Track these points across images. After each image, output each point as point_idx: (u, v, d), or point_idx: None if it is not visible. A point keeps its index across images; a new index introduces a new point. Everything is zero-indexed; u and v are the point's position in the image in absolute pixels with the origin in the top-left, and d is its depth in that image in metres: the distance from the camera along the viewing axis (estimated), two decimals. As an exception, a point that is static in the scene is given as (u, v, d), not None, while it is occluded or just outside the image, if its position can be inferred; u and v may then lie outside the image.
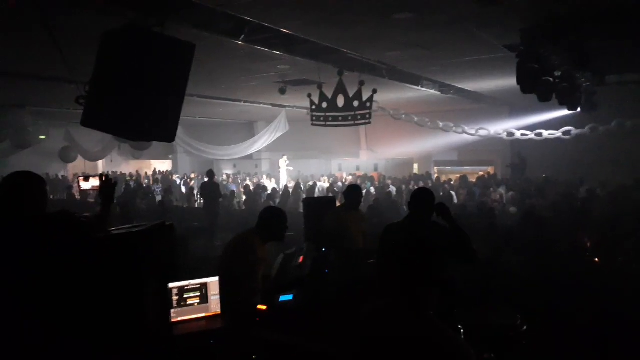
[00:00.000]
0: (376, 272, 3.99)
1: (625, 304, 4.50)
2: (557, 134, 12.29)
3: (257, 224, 3.82)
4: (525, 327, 3.35)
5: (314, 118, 9.70)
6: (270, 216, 3.85)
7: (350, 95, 9.04)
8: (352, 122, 9.39)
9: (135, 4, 4.91)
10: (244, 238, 3.79)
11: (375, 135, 18.74)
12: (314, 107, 9.62)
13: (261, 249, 3.73)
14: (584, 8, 5.67)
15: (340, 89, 8.95)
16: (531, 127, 12.97)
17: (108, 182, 3.18)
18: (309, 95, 9.69)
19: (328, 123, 9.57)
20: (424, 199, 3.94)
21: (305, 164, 20.55)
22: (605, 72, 9.05)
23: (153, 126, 4.19)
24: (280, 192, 14.30)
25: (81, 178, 14.90)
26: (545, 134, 12.44)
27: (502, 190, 12.31)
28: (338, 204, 6.61)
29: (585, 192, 10.61)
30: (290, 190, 14.43)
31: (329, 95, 9.26)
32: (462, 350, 1.80)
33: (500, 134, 13.03)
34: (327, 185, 15.76)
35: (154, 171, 22.75)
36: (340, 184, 15.95)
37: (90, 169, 22.30)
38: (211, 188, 11.29)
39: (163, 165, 24.57)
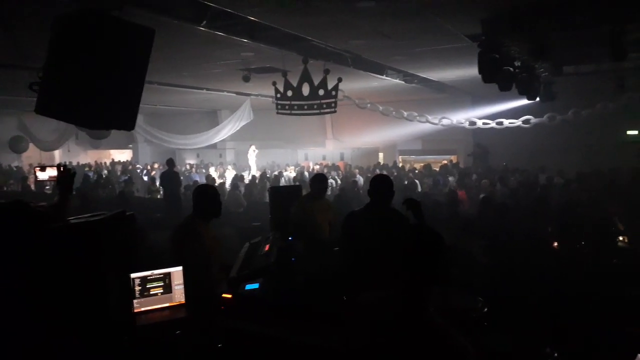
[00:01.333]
0: (343, 260, 4.02)
1: (581, 286, 4.68)
2: (517, 122, 12.61)
3: (193, 206, 3.84)
4: (486, 310, 3.44)
5: (279, 107, 9.62)
6: (200, 194, 3.88)
7: (316, 84, 9.00)
8: (318, 111, 9.36)
9: (91, -14, 4.72)
10: (184, 226, 3.79)
11: (341, 124, 18.79)
12: (278, 95, 9.54)
13: (206, 230, 3.74)
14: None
15: (305, 77, 8.90)
16: (493, 117, 13.28)
17: (66, 172, 3.11)
18: (274, 83, 9.59)
19: (293, 112, 9.50)
20: (383, 185, 3.99)
21: (271, 153, 20.43)
22: (563, 62, 9.33)
23: (111, 114, 4.05)
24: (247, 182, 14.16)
25: (37, 168, 14.36)
26: (506, 122, 12.75)
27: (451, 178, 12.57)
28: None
29: (545, 179, 10.95)
30: (257, 180, 14.32)
31: (294, 84, 9.19)
32: (463, 350, 1.80)
33: (462, 123, 13.27)
34: (293, 174, 15.72)
35: (112, 161, 22.10)
36: (306, 173, 15.95)
37: (46, 159, 21.51)
38: (171, 177, 11.08)
39: (123, 155, 23.93)
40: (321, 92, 9.07)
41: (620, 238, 5.49)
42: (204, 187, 4.28)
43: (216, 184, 13.62)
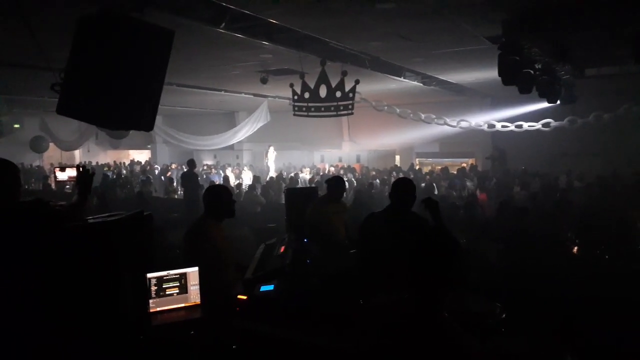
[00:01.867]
0: (360, 262, 4.00)
1: (601, 292, 4.59)
2: (537, 126, 12.43)
3: (205, 207, 3.85)
4: (504, 316, 3.39)
5: (296, 108, 9.63)
6: (212, 195, 3.89)
7: (333, 86, 9.00)
8: (335, 113, 9.35)
9: (112, -12, 4.78)
10: (195, 227, 3.81)
11: (357, 126, 18.75)
12: (296, 97, 9.55)
13: (218, 231, 3.75)
14: (564, 0, 5.72)
15: (323, 79, 8.90)
16: (512, 119, 13.10)
17: (85, 173, 3.16)
18: (291, 85, 9.62)
19: (310, 113, 9.51)
20: (405, 189, 3.95)
21: (288, 154, 20.47)
22: (585, 64, 9.16)
23: (131, 114, 4.10)
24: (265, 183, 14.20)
25: (57, 169, 14.61)
26: (525, 125, 12.58)
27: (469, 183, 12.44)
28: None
29: (565, 183, 10.79)
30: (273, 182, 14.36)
31: (312, 86, 9.20)
32: (476, 354, 1.78)
33: (481, 126, 13.13)
34: (309, 176, 15.71)
35: (131, 161, 22.34)
36: (322, 174, 15.93)
37: (67, 158, 21.88)
38: (191, 178, 11.18)
39: (142, 156, 24.21)
40: (338, 94, 9.06)
41: (643, 244, 5.37)
42: (217, 187, 4.28)
43: (234, 185, 13.72)
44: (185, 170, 12.04)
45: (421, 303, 1.89)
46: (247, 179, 15.66)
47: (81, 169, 3.20)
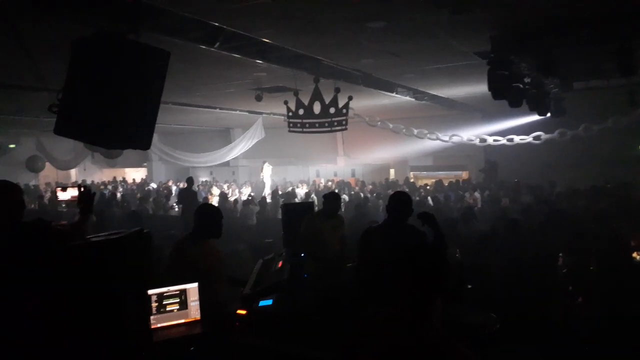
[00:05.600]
0: (359, 277, 4.05)
1: (593, 304, 4.65)
2: (528, 139, 12.57)
3: (194, 225, 3.93)
4: (498, 326, 3.45)
5: (291, 125, 9.75)
6: (201, 214, 3.95)
7: (327, 102, 9.13)
8: (329, 129, 9.48)
9: (107, 11, 4.89)
10: (174, 246, 3.90)
11: (351, 141, 18.86)
12: (290, 113, 9.68)
13: (198, 248, 3.79)
14: (551, 16, 5.88)
15: (317, 96, 9.03)
16: (504, 132, 13.24)
17: (87, 193, 3.22)
18: (286, 102, 9.74)
19: (305, 130, 9.63)
20: (402, 202, 4.04)
21: (283, 170, 20.54)
22: (573, 78, 9.34)
23: (128, 134, 4.17)
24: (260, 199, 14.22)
25: (59, 189, 14.60)
26: (517, 139, 12.72)
27: (477, 194, 12.52)
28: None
29: (556, 195, 10.88)
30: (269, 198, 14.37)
31: (306, 102, 9.33)
32: None
33: (472, 140, 13.26)
34: (305, 191, 15.74)
35: (123, 179, 22.24)
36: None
37: (63, 177, 21.83)
38: (189, 195, 11.23)
39: (138, 173, 24.16)
40: (332, 110, 9.19)
41: (634, 254, 5.43)
42: (207, 207, 4.28)
43: (231, 200, 13.78)
44: (184, 187, 12.10)
45: (415, 315, 1.93)
46: (246, 194, 15.77)
47: (82, 188, 3.27)
